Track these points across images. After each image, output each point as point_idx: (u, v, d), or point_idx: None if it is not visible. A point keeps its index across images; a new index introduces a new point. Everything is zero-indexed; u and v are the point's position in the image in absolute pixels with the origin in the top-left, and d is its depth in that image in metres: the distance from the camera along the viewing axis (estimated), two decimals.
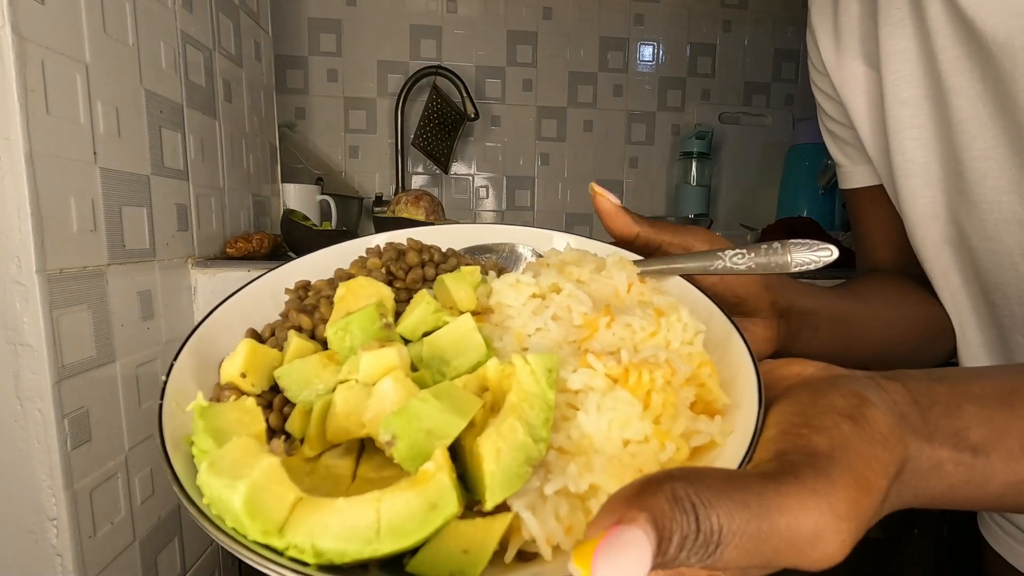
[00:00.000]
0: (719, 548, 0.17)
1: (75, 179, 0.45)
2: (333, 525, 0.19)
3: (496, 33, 1.37)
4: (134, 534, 0.53)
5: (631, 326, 0.28)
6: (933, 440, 0.22)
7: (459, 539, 0.20)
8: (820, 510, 0.18)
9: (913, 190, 0.45)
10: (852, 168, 0.55)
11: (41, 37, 0.41)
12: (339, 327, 0.27)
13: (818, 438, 0.20)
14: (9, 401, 0.42)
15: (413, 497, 0.20)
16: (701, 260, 0.32)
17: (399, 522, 0.19)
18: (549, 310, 0.29)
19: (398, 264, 0.34)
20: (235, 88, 0.75)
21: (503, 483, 0.21)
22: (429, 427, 0.21)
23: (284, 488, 0.20)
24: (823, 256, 0.30)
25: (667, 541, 0.17)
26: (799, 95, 1.50)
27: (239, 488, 0.19)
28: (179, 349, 0.28)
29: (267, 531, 0.19)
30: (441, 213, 0.77)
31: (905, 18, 0.43)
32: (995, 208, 0.40)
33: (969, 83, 0.39)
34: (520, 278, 0.30)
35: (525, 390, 0.23)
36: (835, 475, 0.19)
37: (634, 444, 0.24)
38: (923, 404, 0.22)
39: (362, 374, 0.24)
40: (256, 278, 0.34)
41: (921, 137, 0.43)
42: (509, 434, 0.21)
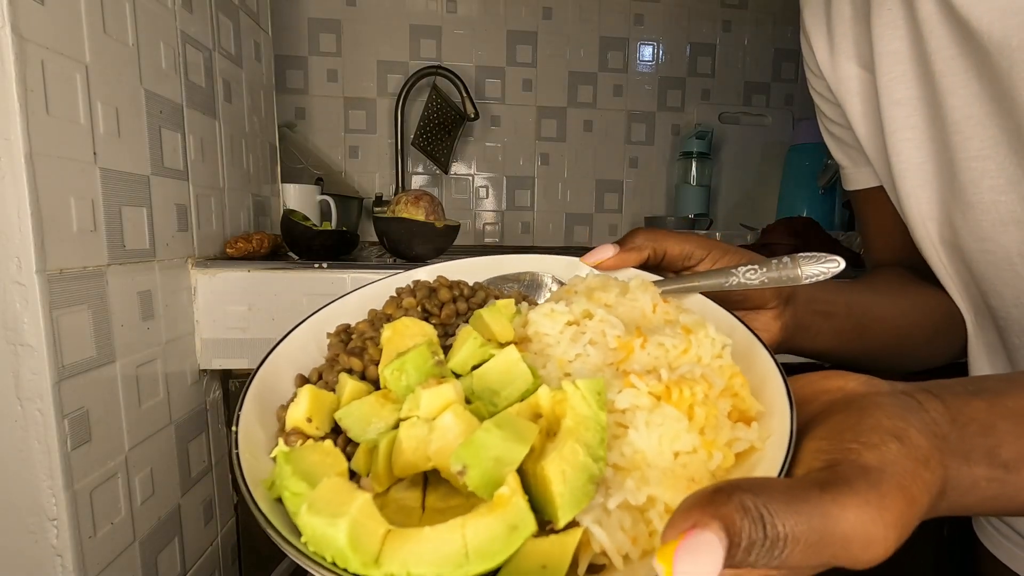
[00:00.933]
0: (785, 551, 0.19)
1: (75, 179, 0.45)
2: (425, 553, 0.21)
3: (496, 33, 1.37)
4: (134, 534, 0.53)
5: (663, 345, 0.30)
6: (970, 459, 0.23)
7: (537, 556, 0.22)
8: (872, 519, 0.20)
9: (909, 191, 0.45)
10: (855, 170, 0.55)
11: (41, 37, 0.41)
12: (395, 367, 0.29)
13: (869, 454, 0.22)
14: (9, 401, 0.42)
15: (494, 521, 0.21)
16: (716, 278, 0.35)
17: (485, 545, 0.21)
18: (585, 336, 0.31)
19: (431, 301, 0.36)
20: (235, 88, 0.75)
21: (571, 502, 0.22)
22: (496, 455, 0.23)
23: (376, 522, 0.22)
24: (832, 268, 0.32)
25: (736, 546, 0.18)
26: (799, 95, 1.50)
27: (341, 525, 0.21)
28: (241, 398, 0.30)
29: (366, 563, 0.21)
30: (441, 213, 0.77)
31: (897, 19, 0.43)
32: (992, 208, 0.39)
33: (964, 83, 0.39)
34: (555, 307, 0.32)
35: (579, 414, 0.25)
36: (885, 489, 0.21)
37: (684, 455, 0.26)
38: (960, 422, 0.24)
39: (423, 411, 0.26)
40: (298, 325, 0.36)
41: (916, 138, 0.43)
42: (571, 456, 0.23)
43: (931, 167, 0.43)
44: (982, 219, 0.40)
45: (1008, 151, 0.38)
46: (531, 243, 1.45)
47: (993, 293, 0.43)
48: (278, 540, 0.22)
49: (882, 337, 0.47)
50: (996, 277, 0.42)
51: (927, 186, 0.44)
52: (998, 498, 0.24)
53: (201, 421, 0.65)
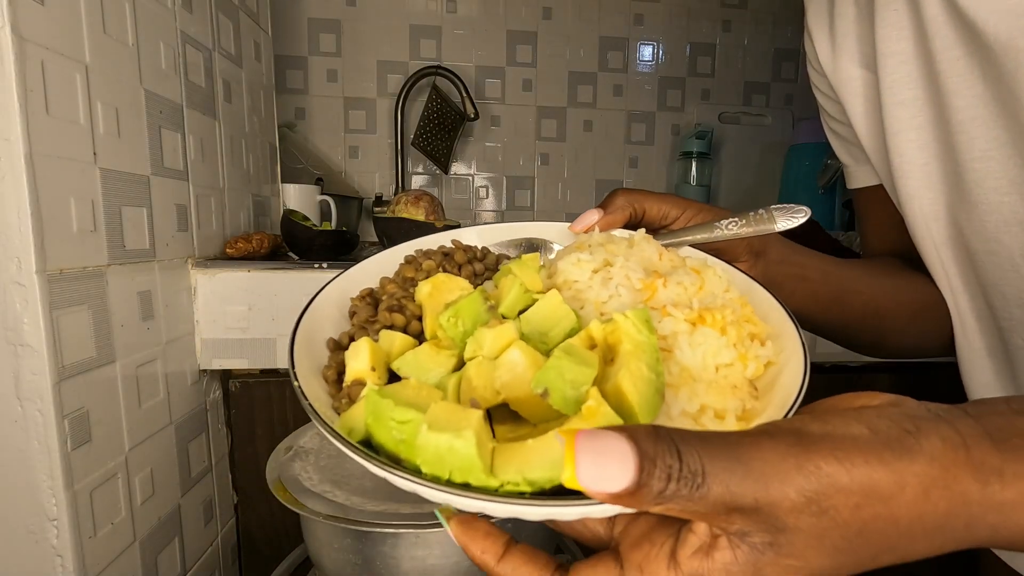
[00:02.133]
0: (705, 481, 0.19)
1: (75, 179, 0.45)
2: (534, 460, 0.23)
3: (496, 33, 1.37)
4: (134, 534, 0.53)
5: (682, 283, 0.33)
6: (1004, 473, 0.21)
7: None
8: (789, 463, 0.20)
9: (911, 192, 0.45)
10: (857, 168, 0.55)
11: (41, 37, 0.41)
12: (451, 314, 0.30)
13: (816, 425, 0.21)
14: (9, 402, 0.42)
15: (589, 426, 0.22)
16: (703, 231, 0.39)
17: None
18: (613, 280, 0.33)
19: (450, 264, 0.38)
20: (235, 88, 0.75)
21: (647, 410, 0.25)
22: (571, 377, 0.25)
23: (487, 437, 0.24)
24: (799, 217, 0.37)
25: (650, 462, 0.19)
26: (799, 95, 1.50)
27: (469, 436, 0.22)
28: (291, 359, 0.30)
29: (487, 472, 0.23)
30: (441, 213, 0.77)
31: (902, 19, 0.43)
32: (995, 209, 0.40)
33: (969, 84, 0.39)
34: (580, 257, 0.35)
35: (634, 339, 0.27)
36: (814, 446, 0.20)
37: (724, 368, 0.29)
38: (998, 437, 0.21)
39: (487, 349, 0.28)
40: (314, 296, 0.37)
41: (920, 139, 0.43)
42: (638, 372, 0.25)
43: (935, 168, 0.43)
44: (986, 220, 0.40)
45: (1012, 152, 0.38)
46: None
47: (996, 293, 0.43)
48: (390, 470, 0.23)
49: (861, 310, 0.48)
50: (1000, 277, 0.42)
51: (931, 187, 0.44)
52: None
53: (201, 421, 0.65)
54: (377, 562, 0.45)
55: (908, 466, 0.20)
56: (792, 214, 0.37)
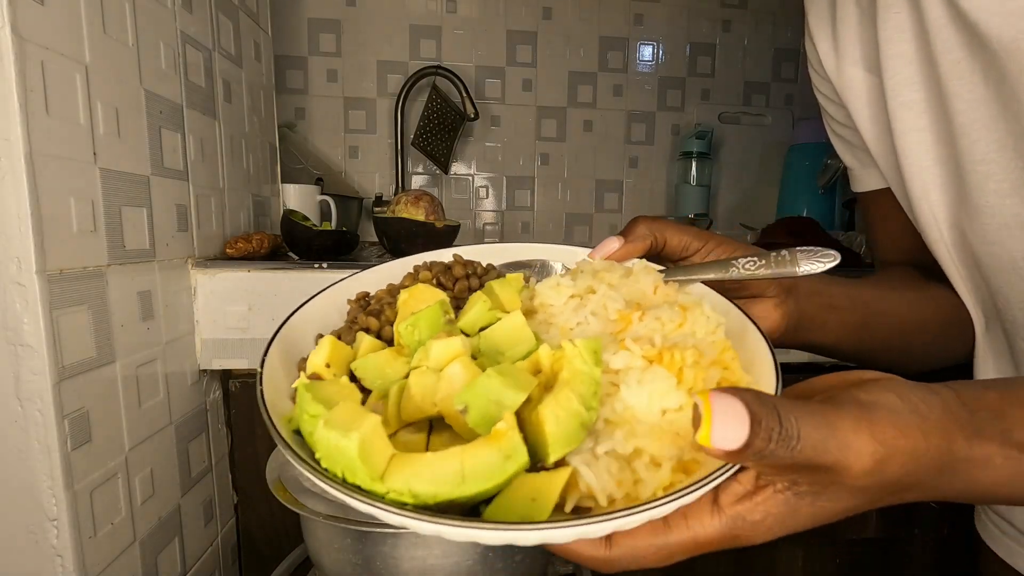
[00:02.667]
0: (799, 443, 0.21)
1: (75, 180, 0.45)
2: (426, 473, 0.23)
3: (496, 33, 1.37)
4: (134, 534, 0.53)
5: (660, 319, 0.32)
6: (981, 435, 0.25)
7: (527, 489, 0.24)
8: (863, 431, 0.23)
9: (920, 194, 0.45)
10: (862, 171, 0.54)
11: (41, 37, 0.41)
12: (409, 323, 0.31)
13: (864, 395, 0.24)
14: (9, 402, 0.42)
15: (490, 450, 0.23)
16: (717, 268, 0.36)
17: (480, 470, 0.23)
18: (587, 307, 0.33)
19: (446, 276, 0.39)
20: (235, 88, 0.75)
21: (562, 441, 0.24)
22: (495, 398, 0.25)
23: (384, 444, 0.24)
24: (827, 262, 0.33)
25: (757, 424, 0.21)
26: (799, 95, 1.50)
27: (353, 438, 0.23)
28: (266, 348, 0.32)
29: (373, 478, 0.23)
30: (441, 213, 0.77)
31: (904, 21, 0.43)
32: (997, 212, 0.39)
33: (971, 86, 0.39)
34: (560, 281, 0.35)
35: (575, 369, 0.27)
36: (876, 415, 0.23)
37: (671, 412, 0.27)
38: (972, 407, 0.25)
39: (432, 360, 0.28)
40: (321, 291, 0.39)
41: (924, 140, 0.43)
42: (565, 403, 0.25)
43: (939, 170, 0.43)
44: (988, 222, 0.40)
45: (1014, 155, 0.38)
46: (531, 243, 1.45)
47: (1000, 296, 0.43)
48: (294, 459, 0.24)
49: (888, 331, 0.47)
50: (1002, 280, 0.42)
51: (936, 189, 0.44)
52: (1015, 477, 0.25)
53: (201, 421, 0.65)
54: (377, 562, 0.45)
55: (931, 427, 0.24)
56: (818, 258, 0.34)
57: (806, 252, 0.34)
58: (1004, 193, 0.39)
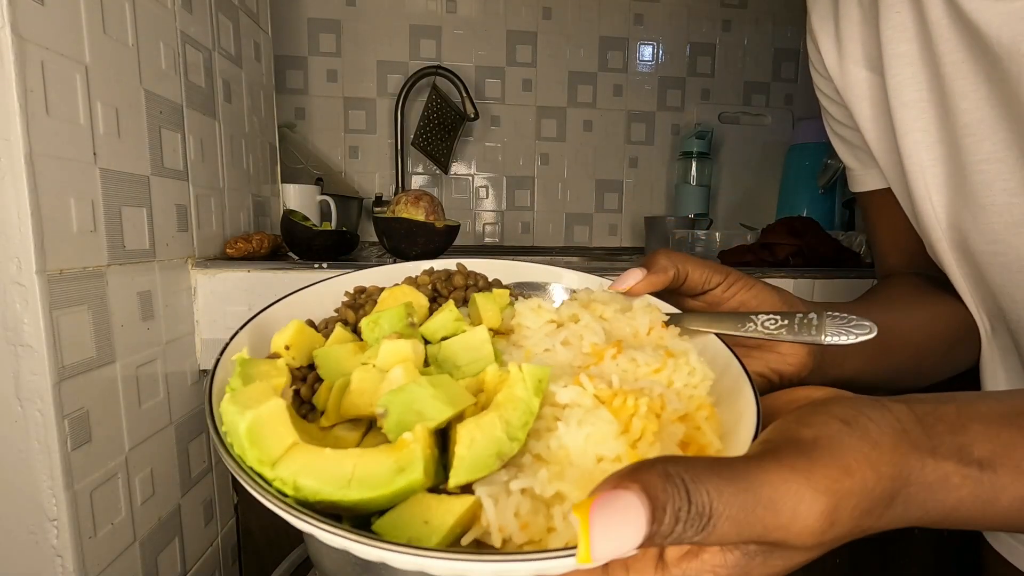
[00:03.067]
0: (712, 521, 0.19)
1: (75, 180, 0.44)
2: (315, 468, 0.22)
3: (496, 33, 1.37)
4: (134, 535, 0.53)
5: (636, 360, 0.29)
6: (937, 453, 0.23)
7: (422, 510, 0.22)
8: (798, 482, 0.20)
9: (922, 193, 0.44)
10: (863, 172, 0.54)
11: (41, 38, 0.41)
12: (371, 320, 0.31)
13: (805, 430, 0.22)
14: (9, 402, 0.42)
15: (386, 458, 0.23)
16: (734, 321, 0.34)
17: (368, 476, 0.22)
18: (561, 335, 0.31)
19: (446, 284, 0.39)
20: (235, 88, 0.75)
21: (470, 467, 0.23)
22: (419, 408, 0.24)
23: (284, 429, 0.23)
24: (861, 335, 0.30)
25: (661, 511, 0.18)
26: (799, 95, 1.50)
27: (246, 417, 0.23)
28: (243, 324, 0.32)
29: (262, 461, 0.22)
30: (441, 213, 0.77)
31: (906, 21, 0.43)
32: (1004, 212, 0.39)
33: (974, 86, 0.39)
34: (542, 304, 0.33)
35: (513, 394, 0.25)
36: (815, 456, 0.21)
37: (607, 462, 0.25)
38: (927, 422, 0.24)
39: (379, 360, 0.28)
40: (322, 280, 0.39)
41: (925, 140, 0.43)
42: (487, 427, 0.24)
43: (941, 170, 0.43)
44: (994, 222, 0.40)
45: (1019, 154, 0.38)
46: (531, 243, 1.45)
47: (1004, 296, 0.43)
48: (209, 425, 0.25)
49: (904, 353, 0.46)
50: (1008, 280, 0.42)
51: (938, 189, 0.43)
52: (977, 499, 0.23)
53: (201, 421, 0.65)
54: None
55: (880, 456, 0.22)
56: (850, 327, 0.30)
57: (836, 320, 0.31)
58: (1011, 192, 0.39)
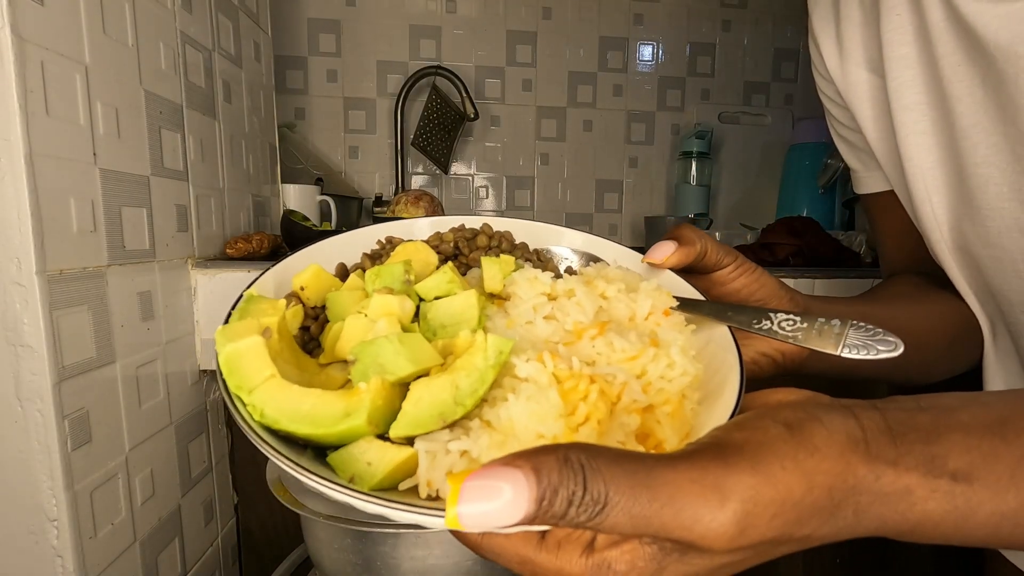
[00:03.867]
0: (605, 510, 0.19)
1: (75, 180, 0.44)
2: (279, 401, 0.25)
3: (496, 33, 1.37)
4: (135, 535, 0.53)
5: (612, 345, 0.30)
6: (898, 465, 0.22)
7: (367, 452, 0.25)
8: (704, 486, 0.20)
9: (923, 195, 0.44)
10: (866, 173, 0.54)
11: (41, 38, 0.41)
12: (373, 272, 0.33)
13: (738, 434, 0.22)
14: (9, 402, 0.42)
15: (337, 401, 0.25)
16: (749, 315, 0.33)
17: (319, 415, 0.25)
18: (546, 308, 0.32)
19: (469, 243, 0.39)
20: (235, 89, 0.75)
21: (411, 422, 0.25)
22: (382, 362, 0.26)
23: (262, 363, 0.26)
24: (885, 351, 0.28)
25: (552, 492, 0.18)
26: (799, 94, 1.50)
27: (225, 348, 0.25)
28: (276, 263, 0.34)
29: (239, 387, 0.25)
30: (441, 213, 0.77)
31: (905, 24, 0.43)
32: (997, 215, 0.39)
33: (970, 89, 0.39)
34: (539, 276, 0.34)
35: (471, 361, 0.26)
36: (733, 461, 0.20)
37: (546, 439, 0.26)
38: (898, 431, 0.22)
39: (370, 311, 0.30)
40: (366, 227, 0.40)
41: (925, 143, 0.43)
42: (436, 389, 0.26)
43: (940, 172, 0.43)
44: (989, 225, 0.40)
45: (1011, 159, 0.38)
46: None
47: (1002, 298, 0.43)
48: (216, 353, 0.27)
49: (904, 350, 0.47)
50: (1004, 282, 0.42)
51: (938, 191, 0.44)
52: (950, 513, 0.22)
53: (201, 421, 0.65)
54: (377, 562, 0.45)
55: (818, 464, 0.21)
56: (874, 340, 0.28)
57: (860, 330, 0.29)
58: (1004, 196, 0.39)
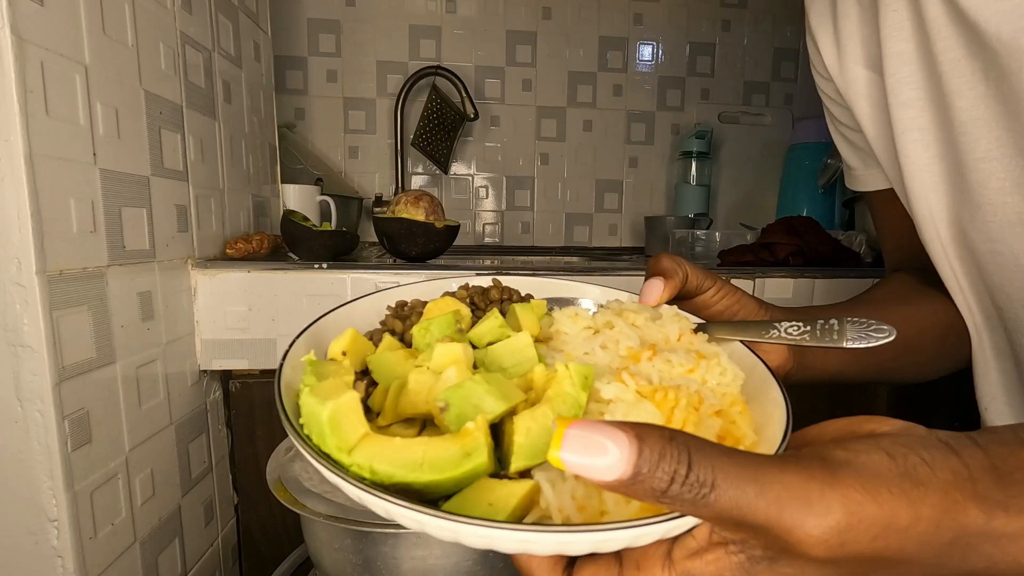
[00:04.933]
0: (713, 493, 0.19)
1: (75, 180, 0.45)
2: (388, 455, 0.24)
3: (495, 33, 1.37)
4: (135, 535, 0.53)
5: (671, 361, 0.31)
6: (1009, 508, 0.21)
7: (486, 493, 0.24)
8: (811, 491, 0.20)
9: (919, 192, 0.44)
10: (865, 171, 0.54)
11: (40, 38, 0.41)
12: (422, 326, 0.33)
13: (840, 452, 0.21)
14: (9, 402, 0.42)
15: (453, 445, 0.25)
16: (757, 329, 0.35)
17: (438, 460, 0.24)
18: (599, 340, 0.33)
19: (482, 298, 0.41)
20: (234, 89, 0.75)
21: (527, 454, 0.25)
22: (476, 403, 0.26)
23: (358, 420, 0.25)
24: (880, 338, 0.30)
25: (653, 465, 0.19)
26: (799, 94, 1.50)
27: (327, 407, 0.25)
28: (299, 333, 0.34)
29: (340, 448, 0.24)
30: (441, 213, 0.77)
31: (903, 20, 0.43)
32: (999, 210, 0.39)
33: (971, 85, 0.39)
34: (579, 311, 0.35)
35: (561, 389, 0.27)
36: (840, 475, 0.20)
37: None
38: (1003, 470, 0.22)
39: (433, 362, 0.30)
40: (367, 295, 0.41)
41: (923, 139, 0.43)
42: (541, 418, 0.26)
43: (939, 168, 0.43)
44: (990, 220, 0.40)
45: (1014, 152, 0.38)
46: (531, 243, 1.45)
47: (1001, 294, 0.43)
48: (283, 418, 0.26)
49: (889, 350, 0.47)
50: (1004, 278, 0.42)
51: (936, 188, 0.44)
52: None
53: (201, 422, 0.65)
54: (377, 562, 0.45)
55: (924, 497, 0.20)
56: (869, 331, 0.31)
57: (856, 325, 0.32)
58: (1006, 191, 0.39)
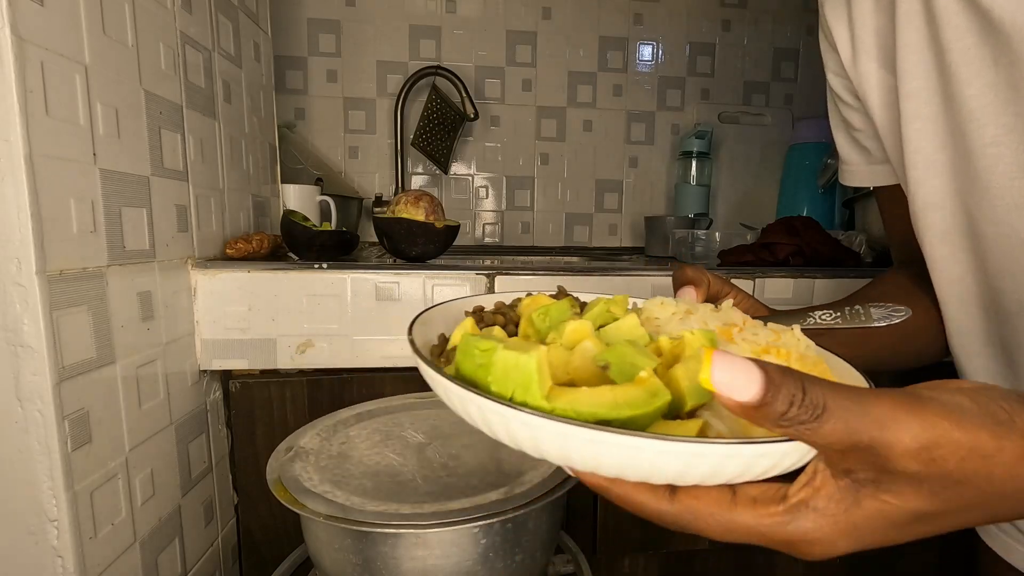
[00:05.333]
0: (825, 414, 0.21)
1: (75, 180, 0.45)
2: (585, 399, 0.26)
3: (495, 33, 1.37)
4: (135, 535, 0.53)
5: (757, 335, 0.34)
6: None
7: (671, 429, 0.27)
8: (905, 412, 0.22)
9: (918, 180, 0.45)
10: (866, 168, 0.55)
11: (40, 38, 0.41)
12: (541, 311, 0.35)
13: (924, 390, 0.24)
14: (9, 403, 0.42)
15: (635, 389, 0.27)
16: (795, 318, 0.40)
17: (631, 400, 0.26)
18: (691, 320, 0.36)
19: None
20: (234, 89, 0.75)
21: (696, 395, 0.28)
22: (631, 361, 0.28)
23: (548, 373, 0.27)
24: (900, 316, 0.37)
25: (775, 386, 0.21)
26: (799, 94, 1.50)
27: (533, 355, 0.26)
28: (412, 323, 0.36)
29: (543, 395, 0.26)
30: (441, 213, 0.77)
31: (912, 10, 0.43)
32: (1006, 193, 0.40)
33: (979, 71, 0.40)
34: (664, 300, 0.39)
35: (694, 351, 0.30)
36: (930, 407, 0.22)
37: None
38: None
39: (565, 338, 0.32)
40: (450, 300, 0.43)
41: (926, 128, 0.44)
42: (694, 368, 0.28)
43: (942, 156, 0.44)
44: (997, 203, 0.41)
45: (1020, 138, 0.39)
46: (531, 243, 1.45)
47: (1006, 276, 0.43)
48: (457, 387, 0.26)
49: (885, 339, 0.49)
50: (1009, 260, 0.42)
51: (938, 175, 0.44)
52: None
53: (201, 422, 0.65)
54: (377, 562, 0.45)
55: (1008, 434, 0.22)
56: (891, 312, 0.37)
57: (878, 307, 0.38)
58: (1012, 175, 0.39)
